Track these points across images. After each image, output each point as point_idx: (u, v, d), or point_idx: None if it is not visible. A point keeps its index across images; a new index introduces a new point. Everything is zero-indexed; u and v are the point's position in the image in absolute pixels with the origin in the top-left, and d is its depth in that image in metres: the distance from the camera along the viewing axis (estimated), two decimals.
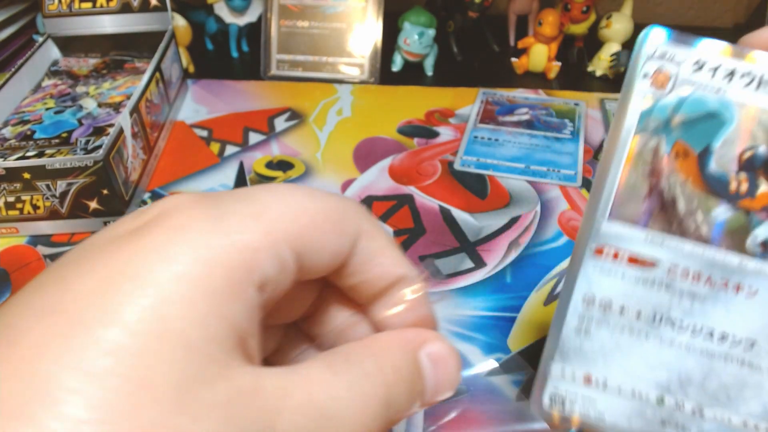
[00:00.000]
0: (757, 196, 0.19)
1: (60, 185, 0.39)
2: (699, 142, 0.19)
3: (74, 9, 0.53)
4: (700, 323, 0.20)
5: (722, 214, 0.19)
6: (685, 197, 0.19)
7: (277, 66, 0.60)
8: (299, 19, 0.60)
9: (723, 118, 0.19)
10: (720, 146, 0.19)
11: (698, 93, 0.19)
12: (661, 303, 0.20)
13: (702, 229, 0.19)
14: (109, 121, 0.44)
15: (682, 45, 0.18)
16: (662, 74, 0.19)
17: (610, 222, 0.19)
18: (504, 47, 0.67)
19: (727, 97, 0.18)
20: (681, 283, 0.19)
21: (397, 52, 0.61)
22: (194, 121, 0.54)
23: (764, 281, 0.19)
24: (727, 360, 0.20)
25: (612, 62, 0.59)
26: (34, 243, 0.42)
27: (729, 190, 0.19)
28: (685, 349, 0.20)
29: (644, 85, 0.19)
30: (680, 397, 0.20)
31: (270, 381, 0.15)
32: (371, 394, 0.17)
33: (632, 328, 0.20)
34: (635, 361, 0.20)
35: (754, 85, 0.18)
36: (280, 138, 0.52)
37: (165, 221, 0.15)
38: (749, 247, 0.19)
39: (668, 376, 0.20)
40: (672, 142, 0.19)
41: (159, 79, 0.50)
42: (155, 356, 0.13)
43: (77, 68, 0.53)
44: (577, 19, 0.61)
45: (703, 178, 0.19)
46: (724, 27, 0.73)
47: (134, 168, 0.44)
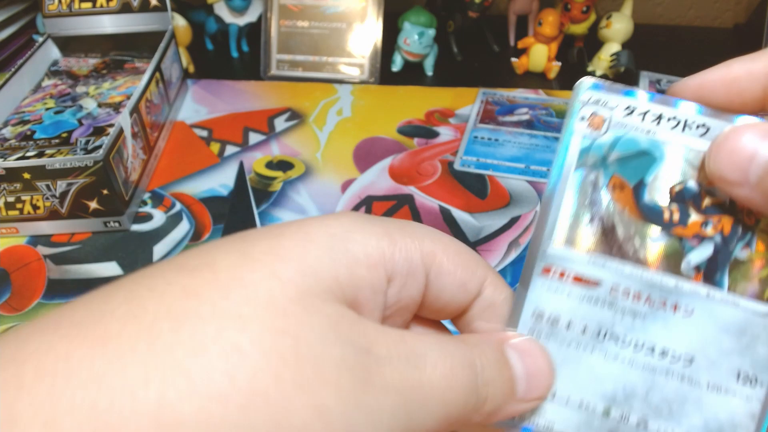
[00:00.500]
0: (689, 224, 0.21)
1: (60, 185, 0.39)
2: (633, 176, 0.21)
3: (74, 9, 0.53)
4: (642, 339, 0.21)
5: (657, 240, 0.21)
6: (624, 224, 0.21)
7: (277, 66, 0.60)
8: (299, 19, 0.60)
9: (654, 156, 0.21)
10: (652, 180, 0.21)
11: (630, 134, 0.21)
12: (605, 319, 0.21)
13: (640, 252, 0.21)
14: (109, 121, 0.44)
15: (613, 93, 0.21)
16: (597, 117, 0.21)
17: (556, 247, 0.21)
18: (504, 47, 0.67)
19: (656, 138, 0.21)
20: (623, 302, 0.21)
21: (397, 52, 0.61)
22: (194, 121, 0.54)
23: (700, 302, 0.21)
24: (668, 375, 0.21)
25: (612, 62, 0.59)
26: (34, 243, 0.42)
27: (663, 219, 0.21)
28: (629, 364, 0.21)
29: (582, 126, 0.21)
30: (625, 409, 0.21)
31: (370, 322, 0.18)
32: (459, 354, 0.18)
33: (579, 342, 0.21)
34: (582, 374, 0.21)
35: (680, 128, 0.21)
36: (280, 138, 0.52)
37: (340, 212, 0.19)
38: (684, 270, 0.21)
39: (614, 389, 0.21)
40: (609, 176, 0.21)
41: (159, 79, 0.50)
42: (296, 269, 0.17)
43: (77, 68, 0.53)
44: (577, 19, 0.61)
45: (639, 207, 0.21)
46: (724, 27, 0.73)
47: (134, 168, 0.44)
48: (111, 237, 0.42)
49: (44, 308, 0.37)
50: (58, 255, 0.41)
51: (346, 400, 0.16)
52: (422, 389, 0.17)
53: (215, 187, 0.47)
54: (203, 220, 0.44)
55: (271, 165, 0.49)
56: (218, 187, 0.47)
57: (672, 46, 0.67)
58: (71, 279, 0.39)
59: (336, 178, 0.48)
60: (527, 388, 0.20)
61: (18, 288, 0.39)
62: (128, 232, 0.43)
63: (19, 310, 0.37)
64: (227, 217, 0.44)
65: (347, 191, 0.46)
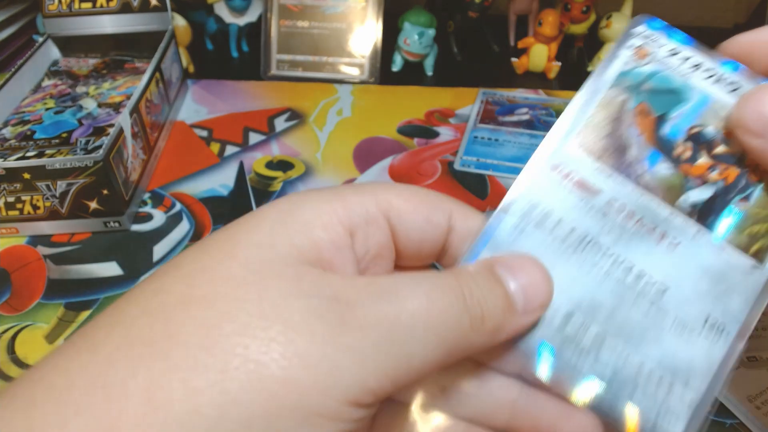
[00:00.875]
0: (696, 165, 0.22)
1: (60, 185, 0.39)
2: (659, 107, 0.22)
3: (74, 9, 0.53)
4: (623, 256, 0.21)
5: (665, 169, 0.22)
6: (638, 147, 0.22)
7: (277, 66, 0.60)
8: (299, 19, 0.60)
9: (683, 97, 0.22)
10: (675, 116, 0.22)
11: (668, 72, 0.22)
12: (593, 227, 0.22)
13: (644, 177, 0.22)
14: (109, 121, 0.44)
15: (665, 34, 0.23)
16: (643, 49, 0.23)
17: (568, 146, 0.22)
18: (504, 47, 0.67)
19: (690, 82, 0.22)
20: (615, 216, 0.22)
21: (397, 52, 0.61)
22: (194, 121, 0.54)
23: (687, 238, 0.21)
24: (639, 298, 0.21)
25: None
26: (34, 243, 0.42)
27: (674, 153, 0.22)
28: (604, 276, 0.21)
29: (627, 53, 0.23)
30: (587, 319, 0.21)
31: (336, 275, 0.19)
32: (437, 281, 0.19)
33: (563, 241, 0.22)
34: (557, 272, 0.21)
35: (714, 79, 0.22)
36: (280, 138, 0.52)
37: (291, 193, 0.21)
38: (681, 205, 0.22)
39: (581, 296, 0.21)
40: (637, 102, 0.22)
41: (159, 79, 0.50)
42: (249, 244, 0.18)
43: (77, 68, 0.53)
44: (577, 19, 0.61)
45: (656, 136, 0.22)
46: (725, 27, 0.73)
47: (134, 168, 0.44)
48: (111, 237, 0.42)
49: (44, 308, 0.37)
50: (58, 255, 0.41)
51: (324, 343, 0.16)
52: (401, 320, 0.18)
53: (215, 187, 0.47)
54: (203, 220, 0.44)
55: (271, 165, 0.49)
56: (218, 187, 0.47)
57: None
58: (71, 279, 0.39)
59: (336, 178, 0.48)
60: (526, 300, 0.20)
61: (18, 288, 0.39)
62: (128, 232, 0.43)
63: (19, 310, 0.37)
64: (227, 218, 0.44)
65: None
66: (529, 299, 0.20)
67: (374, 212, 0.21)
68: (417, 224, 0.21)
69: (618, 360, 0.21)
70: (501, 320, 0.20)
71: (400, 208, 0.21)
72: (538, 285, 0.21)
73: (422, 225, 0.21)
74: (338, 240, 0.20)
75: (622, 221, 0.22)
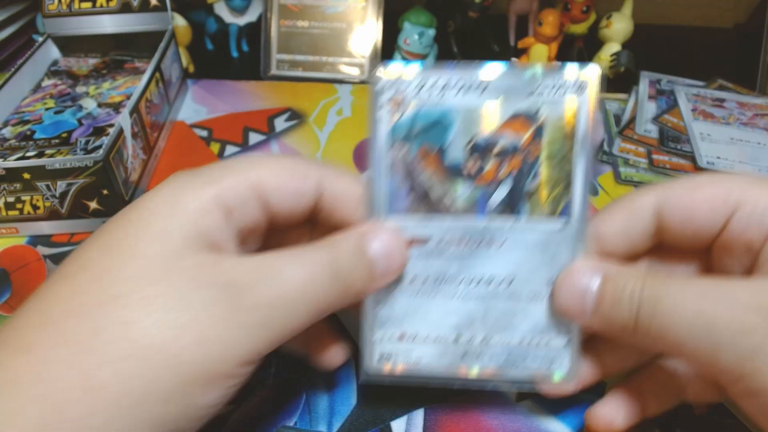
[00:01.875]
0: (486, 172, 0.25)
1: (60, 185, 0.39)
2: (435, 142, 0.24)
3: (74, 9, 0.53)
4: (471, 275, 0.25)
5: (464, 192, 0.25)
6: (436, 186, 0.25)
7: (277, 66, 0.60)
8: (299, 19, 0.60)
9: (447, 122, 0.24)
10: (450, 143, 0.24)
11: (425, 107, 0.24)
12: (439, 267, 0.25)
13: (454, 206, 0.25)
14: (109, 121, 0.44)
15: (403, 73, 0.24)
16: (396, 99, 0.24)
17: (388, 217, 0.25)
18: (504, 47, 0.67)
19: (446, 106, 0.24)
20: (449, 250, 0.25)
21: (397, 52, 0.61)
22: (194, 121, 0.54)
23: (507, 233, 0.25)
24: (497, 297, 0.26)
25: (612, 62, 0.59)
26: (34, 243, 0.42)
27: (465, 174, 0.25)
28: (465, 297, 0.26)
29: (384, 111, 0.24)
30: (470, 333, 0.26)
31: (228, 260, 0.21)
32: (315, 259, 0.22)
33: (423, 291, 0.26)
34: (432, 315, 0.26)
35: (462, 92, 0.24)
36: (280, 138, 0.52)
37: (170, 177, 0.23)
38: (490, 210, 0.25)
39: (458, 320, 0.26)
40: (416, 147, 0.24)
41: (159, 79, 0.50)
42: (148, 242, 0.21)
43: (77, 68, 0.53)
44: (577, 19, 0.61)
45: (444, 168, 0.25)
46: (724, 27, 0.73)
47: (134, 168, 0.44)
48: None
49: None
50: (58, 255, 0.41)
51: (222, 328, 0.20)
52: (287, 297, 0.21)
53: None
54: None
55: None
56: None
57: (672, 46, 0.67)
58: None
59: None
60: (385, 266, 0.24)
61: (18, 288, 0.39)
62: None
63: None
64: None
65: None
66: (388, 265, 0.24)
67: (247, 192, 0.23)
68: (288, 196, 0.24)
69: (505, 346, 0.26)
70: (364, 286, 0.24)
71: (271, 184, 0.24)
72: (395, 252, 0.24)
73: (293, 196, 0.24)
74: (220, 223, 0.22)
75: (456, 250, 0.25)
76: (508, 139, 0.24)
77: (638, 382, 0.27)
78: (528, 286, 0.25)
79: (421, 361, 0.26)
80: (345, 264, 0.23)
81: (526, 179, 0.24)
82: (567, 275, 0.24)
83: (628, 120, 0.53)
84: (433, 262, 0.25)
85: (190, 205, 0.22)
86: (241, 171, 0.23)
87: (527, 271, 0.25)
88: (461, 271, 0.25)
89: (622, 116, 0.54)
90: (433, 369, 0.26)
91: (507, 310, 0.26)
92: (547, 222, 0.25)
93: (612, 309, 0.23)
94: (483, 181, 0.25)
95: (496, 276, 0.25)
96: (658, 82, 0.58)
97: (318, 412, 0.30)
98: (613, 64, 0.59)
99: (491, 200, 0.25)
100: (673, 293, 0.22)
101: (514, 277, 0.25)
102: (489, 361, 0.26)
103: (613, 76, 0.60)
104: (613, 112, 0.55)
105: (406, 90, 0.24)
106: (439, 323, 0.26)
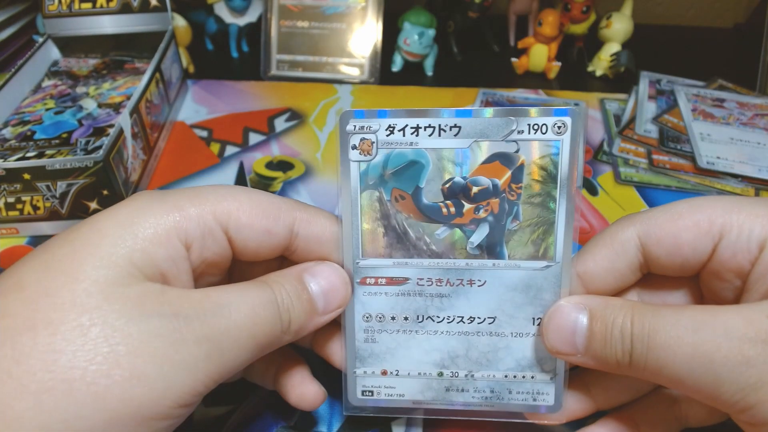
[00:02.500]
0: (464, 213, 0.24)
1: (60, 186, 0.39)
2: (409, 185, 0.24)
3: (74, 9, 0.53)
4: (452, 314, 0.25)
5: (443, 233, 0.25)
6: (413, 228, 0.25)
7: (277, 66, 0.60)
8: (299, 19, 0.60)
9: (421, 164, 0.24)
10: (426, 185, 0.24)
11: (398, 149, 0.24)
12: (419, 306, 0.26)
13: (432, 246, 0.25)
14: (109, 122, 0.44)
15: (372, 118, 0.24)
16: (365, 143, 0.24)
17: (365, 260, 0.25)
18: (504, 47, 0.67)
19: (419, 147, 0.24)
20: (429, 289, 0.25)
21: (397, 52, 0.61)
22: (194, 122, 0.54)
23: (488, 273, 0.25)
24: (479, 334, 0.26)
25: (612, 62, 0.59)
26: (34, 244, 0.42)
27: (442, 215, 0.24)
28: (447, 334, 0.26)
29: (355, 155, 0.24)
30: (454, 369, 0.26)
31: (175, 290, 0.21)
32: (258, 294, 0.22)
33: (404, 329, 0.26)
34: (414, 351, 0.26)
35: (436, 133, 0.24)
36: (280, 138, 0.52)
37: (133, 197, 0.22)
38: (470, 251, 0.25)
39: (441, 356, 0.26)
40: (390, 190, 0.24)
41: (159, 79, 0.50)
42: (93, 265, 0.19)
43: (77, 68, 0.53)
44: (577, 19, 0.61)
45: (420, 210, 0.24)
46: (724, 27, 0.73)
47: (134, 168, 0.44)
48: None
49: None
50: None
51: (162, 363, 0.19)
52: (230, 332, 0.21)
53: None
54: None
55: (271, 165, 0.49)
56: None
57: (672, 46, 0.67)
58: None
59: (336, 179, 0.48)
60: (326, 303, 0.24)
61: None
62: None
63: None
64: None
65: None
66: (329, 302, 0.24)
67: (211, 225, 0.22)
68: (255, 235, 0.23)
69: (490, 380, 0.26)
70: (304, 322, 0.23)
71: (239, 221, 0.23)
72: (336, 289, 0.24)
73: (261, 236, 0.23)
74: (175, 254, 0.21)
75: (435, 289, 0.25)
76: (487, 180, 0.24)
77: (633, 408, 0.27)
78: (511, 324, 0.25)
79: (405, 395, 0.27)
80: (285, 300, 0.23)
81: (507, 219, 0.24)
82: (553, 314, 0.24)
83: (628, 120, 0.53)
84: (413, 299, 0.25)
85: (146, 231, 0.21)
86: (210, 202, 0.22)
87: (510, 309, 0.25)
88: (443, 309, 0.25)
89: (622, 116, 0.54)
90: (417, 401, 0.27)
91: (490, 346, 0.26)
92: (528, 263, 0.25)
93: (604, 346, 0.23)
94: (462, 221, 0.24)
95: (477, 314, 0.25)
96: (658, 82, 0.58)
97: (318, 412, 0.30)
98: (613, 64, 0.59)
99: (471, 240, 0.25)
100: (666, 327, 0.21)
101: (496, 315, 0.25)
102: (473, 395, 0.26)
103: (613, 76, 0.60)
104: (613, 112, 0.55)
105: (376, 132, 0.24)
106: (422, 359, 0.26)
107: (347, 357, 0.27)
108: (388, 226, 0.25)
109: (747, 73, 0.58)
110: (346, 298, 0.25)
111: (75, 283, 0.19)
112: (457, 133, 0.24)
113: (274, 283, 0.23)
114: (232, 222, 0.23)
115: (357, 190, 0.24)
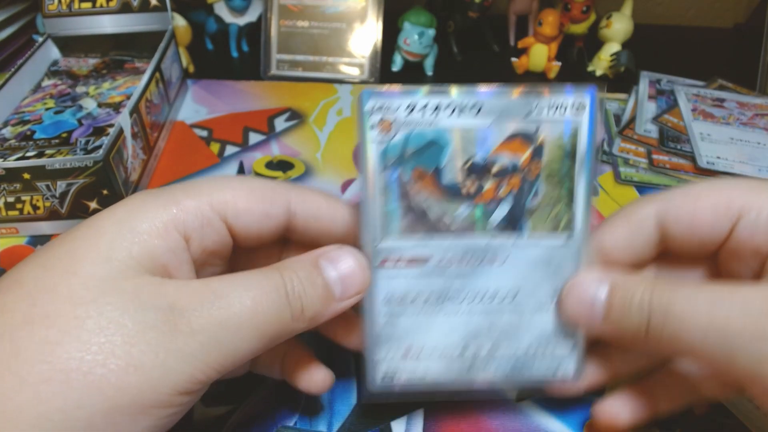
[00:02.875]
0: (485, 191, 0.24)
1: (60, 185, 0.39)
2: (430, 164, 0.24)
3: (74, 9, 0.53)
4: (473, 292, 0.25)
5: (463, 212, 0.25)
6: (433, 207, 0.24)
7: (277, 66, 0.60)
8: (299, 19, 0.60)
9: (441, 143, 0.24)
10: (446, 164, 0.24)
11: (418, 129, 0.24)
12: (440, 286, 0.25)
13: (454, 225, 0.25)
14: (109, 121, 0.44)
15: (393, 97, 0.23)
16: (385, 122, 0.23)
17: (384, 242, 0.25)
18: (504, 47, 0.67)
19: (440, 126, 0.24)
20: (450, 269, 0.25)
21: (397, 52, 0.61)
22: (194, 121, 0.54)
23: (509, 250, 0.25)
24: (501, 311, 0.26)
25: (612, 62, 0.59)
26: (34, 243, 0.42)
27: (463, 193, 0.24)
28: (468, 313, 0.26)
29: (374, 134, 0.24)
30: (476, 347, 0.26)
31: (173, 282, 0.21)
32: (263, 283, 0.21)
33: (425, 310, 0.26)
34: (436, 332, 0.26)
35: (456, 113, 0.24)
36: (280, 138, 0.52)
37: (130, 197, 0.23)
38: (491, 229, 0.25)
39: (462, 335, 0.26)
40: (410, 170, 0.24)
41: (159, 79, 0.50)
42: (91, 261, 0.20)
43: (77, 68, 0.53)
44: (577, 19, 0.61)
45: (441, 189, 0.24)
46: (724, 27, 0.73)
47: (134, 168, 0.44)
48: None
49: None
50: None
51: (156, 351, 0.19)
52: (229, 323, 0.20)
53: None
54: None
55: (271, 165, 0.49)
56: None
57: (672, 46, 0.67)
58: None
59: (336, 178, 0.48)
60: (344, 288, 0.23)
61: None
62: None
63: None
64: None
65: (347, 191, 0.46)
66: (347, 287, 0.23)
67: (209, 214, 0.22)
68: (254, 220, 0.23)
69: (511, 356, 0.26)
70: (320, 309, 0.23)
71: (237, 208, 0.23)
72: (355, 274, 0.24)
73: (260, 220, 0.23)
74: (174, 246, 0.21)
75: (457, 268, 0.25)
76: (507, 159, 0.24)
77: (649, 380, 0.28)
78: (532, 299, 0.26)
79: (427, 376, 0.26)
80: (297, 287, 0.22)
81: (527, 197, 0.25)
82: (574, 285, 0.25)
83: (628, 120, 0.53)
84: (434, 280, 0.25)
85: (142, 225, 0.21)
86: (205, 193, 0.23)
87: (531, 285, 0.25)
88: (464, 288, 0.25)
89: (622, 116, 0.54)
90: (438, 382, 0.27)
91: (511, 323, 0.26)
92: (549, 238, 0.25)
93: (622, 317, 0.23)
94: (483, 199, 0.25)
95: (499, 291, 0.25)
96: (658, 82, 0.58)
97: (318, 412, 0.30)
98: (613, 64, 0.59)
99: (492, 218, 0.25)
100: (684, 300, 0.22)
101: (517, 291, 0.25)
102: (495, 371, 0.26)
103: (613, 76, 0.60)
104: (613, 112, 0.55)
105: (396, 112, 0.23)
106: (444, 339, 0.26)
107: (367, 342, 0.26)
108: (408, 207, 0.24)
109: (747, 73, 0.58)
110: (365, 283, 0.24)
111: (73, 278, 0.19)
112: (477, 112, 0.24)
113: (286, 269, 0.22)
114: (229, 210, 0.23)
115: (376, 171, 0.24)
